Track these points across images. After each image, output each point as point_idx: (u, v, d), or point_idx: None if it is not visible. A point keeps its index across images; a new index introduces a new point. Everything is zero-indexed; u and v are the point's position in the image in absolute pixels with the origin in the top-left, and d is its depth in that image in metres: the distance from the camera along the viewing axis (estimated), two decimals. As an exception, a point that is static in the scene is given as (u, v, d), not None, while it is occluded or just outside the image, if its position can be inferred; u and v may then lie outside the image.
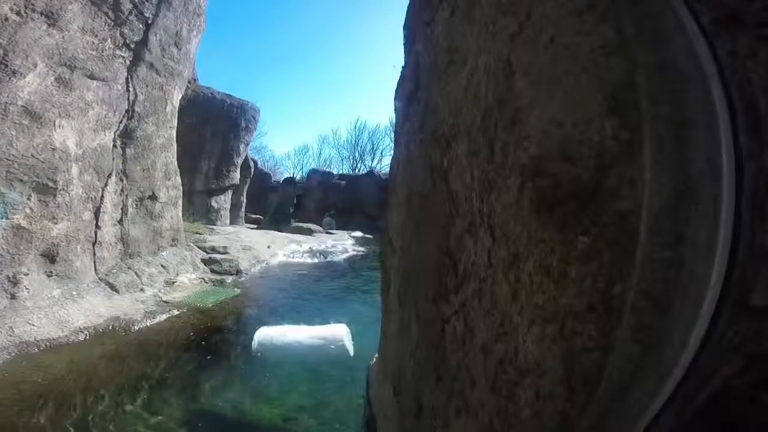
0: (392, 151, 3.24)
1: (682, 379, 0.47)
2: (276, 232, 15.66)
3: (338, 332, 4.70)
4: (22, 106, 4.80)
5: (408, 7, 2.35)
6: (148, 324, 5.49)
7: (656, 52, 0.57)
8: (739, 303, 0.43)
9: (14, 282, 4.77)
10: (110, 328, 5.16)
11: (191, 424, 3.24)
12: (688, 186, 0.50)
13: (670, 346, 0.49)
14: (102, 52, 6.03)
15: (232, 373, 4.21)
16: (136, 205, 7.26)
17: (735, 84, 0.46)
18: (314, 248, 14.14)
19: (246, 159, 17.22)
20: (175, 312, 5.97)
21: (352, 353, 4.47)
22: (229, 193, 16.19)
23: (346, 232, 20.00)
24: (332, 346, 4.47)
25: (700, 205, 0.49)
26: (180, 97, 8.56)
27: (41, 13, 4.97)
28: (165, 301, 6.36)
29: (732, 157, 0.45)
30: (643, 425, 0.50)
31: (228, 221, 15.75)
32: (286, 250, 12.73)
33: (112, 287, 6.16)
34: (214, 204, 15.21)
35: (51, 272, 5.33)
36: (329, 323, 5.21)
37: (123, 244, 6.91)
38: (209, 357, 4.62)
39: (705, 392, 0.45)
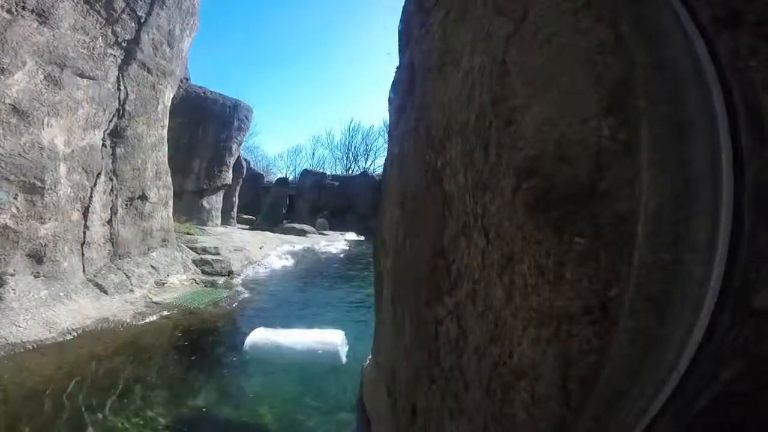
0: (386, 152, 3.23)
1: (681, 383, 0.46)
2: (268, 233, 15.59)
3: (333, 338, 4.62)
4: (10, 104, 4.72)
5: (403, 8, 2.35)
6: (138, 325, 5.41)
7: (654, 51, 0.56)
8: (740, 305, 0.43)
9: (0, 283, 4.68)
10: (99, 329, 5.08)
11: (173, 426, 3.22)
12: (686, 186, 0.50)
13: (669, 349, 0.48)
14: (93, 50, 5.95)
15: (217, 377, 4.18)
16: (126, 205, 7.17)
17: (736, 83, 0.45)
18: (307, 249, 14.10)
19: (238, 159, 17.08)
20: (165, 313, 5.89)
21: (344, 361, 4.39)
22: (221, 194, 16.04)
23: (339, 233, 19.96)
24: (323, 352, 4.40)
25: (699, 205, 0.48)
26: (172, 96, 8.48)
27: (32, 11, 4.89)
28: (155, 302, 6.28)
29: (731, 157, 0.45)
30: (641, 429, 0.49)
31: (219, 222, 15.60)
32: (279, 251, 12.65)
33: (101, 288, 6.06)
34: (205, 204, 15.06)
35: (38, 273, 5.24)
36: (327, 328, 5.14)
37: (112, 244, 6.82)
38: (196, 360, 4.57)
39: (705, 396, 0.44)
